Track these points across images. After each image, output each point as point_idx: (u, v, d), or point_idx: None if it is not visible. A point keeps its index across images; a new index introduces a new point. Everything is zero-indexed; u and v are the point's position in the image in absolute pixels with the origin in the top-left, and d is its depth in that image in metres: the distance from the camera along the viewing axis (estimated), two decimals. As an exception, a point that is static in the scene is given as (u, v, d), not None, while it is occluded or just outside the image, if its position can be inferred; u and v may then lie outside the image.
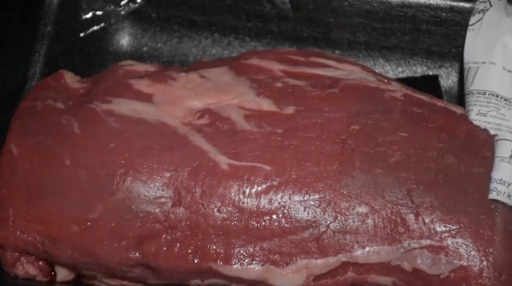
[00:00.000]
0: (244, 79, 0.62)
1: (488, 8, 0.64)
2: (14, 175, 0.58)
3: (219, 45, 0.77)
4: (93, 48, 0.76)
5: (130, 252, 0.56)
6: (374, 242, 0.55)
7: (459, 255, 0.55)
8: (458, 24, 0.73)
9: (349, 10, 0.74)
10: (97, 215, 0.56)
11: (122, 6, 0.77)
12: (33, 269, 0.59)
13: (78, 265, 0.58)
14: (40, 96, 0.63)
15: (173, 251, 0.56)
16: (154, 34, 0.77)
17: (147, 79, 0.62)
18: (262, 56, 0.64)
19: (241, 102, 0.60)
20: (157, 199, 0.56)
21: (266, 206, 0.56)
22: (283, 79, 0.61)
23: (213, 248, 0.56)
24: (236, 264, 0.56)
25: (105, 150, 0.58)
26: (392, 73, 0.75)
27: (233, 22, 0.76)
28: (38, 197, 0.57)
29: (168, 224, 0.56)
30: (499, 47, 0.62)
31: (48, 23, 0.75)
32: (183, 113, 0.60)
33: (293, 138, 0.58)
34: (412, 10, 0.73)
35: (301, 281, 0.55)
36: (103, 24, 0.77)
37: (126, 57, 0.75)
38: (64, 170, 0.58)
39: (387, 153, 0.57)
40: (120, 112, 0.59)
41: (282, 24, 0.76)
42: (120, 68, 0.64)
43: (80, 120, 0.60)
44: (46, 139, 0.59)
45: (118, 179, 0.57)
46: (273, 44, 0.76)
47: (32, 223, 0.57)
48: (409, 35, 0.74)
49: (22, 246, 0.58)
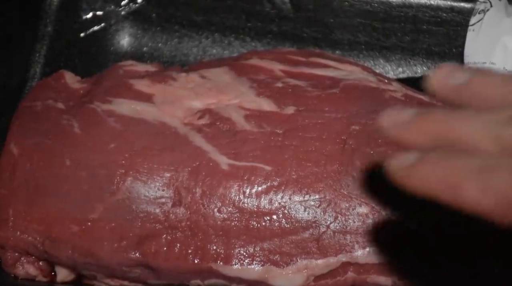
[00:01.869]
0: (245, 79, 0.62)
1: (489, 9, 0.64)
2: (14, 175, 0.58)
3: (219, 45, 0.76)
4: (94, 48, 0.76)
5: (130, 252, 0.56)
6: (374, 242, 0.55)
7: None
8: (459, 25, 0.73)
9: (350, 11, 0.74)
10: (97, 215, 0.56)
11: (122, 6, 0.77)
12: (33, 269, 0.59)
13: (78, 265, 0.58)
14: (40, 96, 0.63)
15: (173, 251, 0.56)
16: (154, 34, 0.77)
17: (148, 80, 0.62)
18: (263, 56, 0.64)
19: (241, 102, 0.60)
20: (157, 199, 0.56)
21: (266, 206, 0.56)
22: (284, 80, 0.61)
23: (213, 248, 0.56)
24: (236, 264, 0.56)
25: (105, 150, 0.58)
26: (392, 73, 0.75)
27: (233, 22, 0.76)
28: (38, 197, 0.57)
29: (168, 224, 0.56)
30: (499, 47, 0.62)
31: (48, 23, 0.75)
32: (183, 114, 0.60)
33: (293, 138, 0.58)
34: (412, 11, 0.73)
35: (301, 281, 0.55)
36: (103, 24, 0.77)
37: (126, 57, 0.75)
38: (64, 170, 0.58)
39: (387, 153, 0.57)
40: (120, 113, 0.59)
41: (283, 24, 0.76)
42: (121, 69, 0.64)
43: (80, 120, 0.60)
44: (46, 140, 0.59)
45: (118, 179, 0.57)
46: (274, 44, 0.76)
47: (32, 223, 0.57)
48: (409, 35, 0.74)
49: (22, 246, 0.58)
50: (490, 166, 0.42)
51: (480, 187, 0.41)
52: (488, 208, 0.41)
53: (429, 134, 0.47)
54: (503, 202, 0.40)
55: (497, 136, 0.43)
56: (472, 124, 0.44)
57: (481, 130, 0.44)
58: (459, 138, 0.45)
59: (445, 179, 0.43)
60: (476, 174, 0.42)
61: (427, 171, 0.44)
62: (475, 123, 0.44)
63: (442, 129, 0.46)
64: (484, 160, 0.42)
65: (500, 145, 0.43)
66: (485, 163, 0.42)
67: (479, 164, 0.42)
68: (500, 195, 0.41)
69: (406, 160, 0.46)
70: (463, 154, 0.44)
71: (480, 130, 0.44)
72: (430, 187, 0.44)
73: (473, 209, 0.41)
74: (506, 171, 0.41)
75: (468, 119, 0.45)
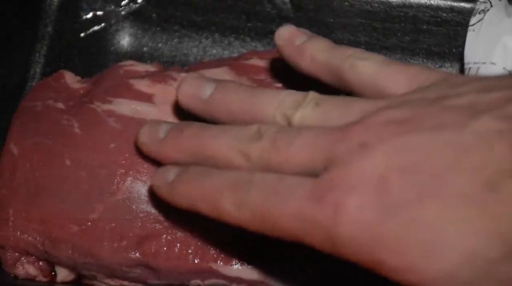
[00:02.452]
0: (245, 79, 0.62)
1: (489, 9, 0.64)
2: (14, 175, 0.58)
3: (219, 46, 0.76)
4: (94, 48, 0.76)
5: (130, 252, 0.56)
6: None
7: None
8: (459, 25, 0.73)
9: (350, 11, 0.74)
10: (98, 215, 0.56)
11: (122, 6, 0.77)
12: (33, 269, 0.59)
13: (78, 265, 0.57)
14: (40, 96, 0.62)
15: (173, 251, 0.56)
16: (154, 34, 0.77)
17: (148, 80, 0.62)
18: (263, 56, 0.64)
19: (241, 102, 0.60)
20: (158, 199, 0.56)
21: (266, 206, 0.56)
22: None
23: (214, 248, 0.56)
24: (236, 264, 0.56)
25: (106, 150, 0.58)
26: (392, 73, 0.75)
27: (233, 22, 0.76)
28: (38, 197, 0.57)
29: (168, 224, 0.56)
30: (499, 47, 0.62)
31: (48, 23, 0.75)
32: (183, 114, 0.60)
33: (294, 138, 0.57)
34: (412, 11, 0.73)
35: (301, 281, 0.55)
36: (103, 24, 0.77)
37: (126, 57, 0.75)
38: (65, 170, 0.58)
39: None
40: (120, 113, 0.59)
41: (283, 24, 0.75)
42: (121, 69, 0.64)
43: (80, 120, 0.59)
44: (46, 140, 0.59)
45: (118, 179, 0.57)
46: (274, 45, 0.75)
47: (32, 223, 0.57)
48: (409, 35, 0.74)
49: (22, 246, 0.57)
50: (242, 181, 0.43)
51: (235, 203, 0.43)
52: (246, 221, 0.42)
53: (185, 151, 0.48)
54: (256, 216, 0.42)
55: (245, 152, 0.44)
56: (223, 141, 0.46)
57: (231, 146, 0.45)
58: (213, 154, 0.46)
59: (204, 194, 0.44)
60: (230, 190, 0.43)
61: (187, 187, 0.46)
62: (225, 140, 0.45)
63: (197, 146, 0.47)
64: (237, 175, 0.44)
65: (249, 160, 0.44)
66: (238, 179, 0.43)
67: (232, 180, 0.43)
68: (253, 210, 0.42)
69: (167, 177, 0.47)
70: (217, 171, 0.45)
71: (230, 146, 0.45)
72: (191, 202, 0.45)
73: (233, 221, 0.43)
74: (255, 187, 0.42)
75: (219, 136, 0.46)
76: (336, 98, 0.46)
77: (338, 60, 0.49)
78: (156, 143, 0.51)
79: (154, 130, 0.51)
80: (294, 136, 0.43)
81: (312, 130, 0.43)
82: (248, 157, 0.44)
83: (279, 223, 0.41)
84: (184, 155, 0.48)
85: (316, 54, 0.50)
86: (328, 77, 0.50)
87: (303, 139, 0.43)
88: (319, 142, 0.42)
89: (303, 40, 0.52)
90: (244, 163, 0.44)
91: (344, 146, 0.41)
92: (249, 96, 0.48)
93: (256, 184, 0.42)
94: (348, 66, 0.48)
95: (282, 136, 0.43)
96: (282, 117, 0.46)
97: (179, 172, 0.47)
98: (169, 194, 0.48)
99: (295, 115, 0.46)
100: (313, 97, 0.46)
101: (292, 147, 0.43)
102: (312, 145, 0.42)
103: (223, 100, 0.49)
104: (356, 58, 0.48)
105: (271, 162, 0.43)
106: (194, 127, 0.48)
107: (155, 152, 0.51)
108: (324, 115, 0.45)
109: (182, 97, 0.51)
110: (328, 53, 0.50)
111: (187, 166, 0.47)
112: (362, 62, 0.48)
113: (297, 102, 0.46)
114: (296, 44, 0.52)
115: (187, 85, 0.51)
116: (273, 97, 0.47)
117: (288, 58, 0.52)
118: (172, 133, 0.50)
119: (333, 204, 0.39)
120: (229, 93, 0.49)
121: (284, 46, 0.52)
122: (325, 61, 0.50)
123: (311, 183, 0.41)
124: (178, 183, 0.47)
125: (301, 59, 0.51)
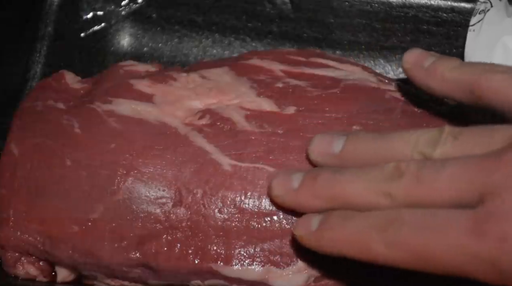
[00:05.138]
0: (245, 79, 0.62)
1: (489, 9, 0.64)
2: (14, 175, 0.58)
3: (219, 46, 0.76)
4: (94, 48, 0.76)
5: (130, 253, 0.56)
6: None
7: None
8: (459, 25, 0.73)
9: (350, 11, 0.74)
10: (98, 215, 0.56)
11: (122, 7, 0.77)
12: (33, 269, 0.59)
13: (79, 265, 0.58)
14: (40, 96, 0.62)
15: (173, 251, 0.56)
16: (154, 34, 0.77)
17: (148, 80, 0.62)
18: (263, 56, 0.64)
19: (242, 102, 0.60)
20: (158, 199, 0.56)
21: (267, 207, 0.56)
22: (284, 80, 0.61)
23: (214, 248, 0.56)
24: (236, 264, 0.56)
25: (106, 150, 0.58)
26: (392, 73, 0.75)
27: (233, 23, 0.76)
28: (38, 197, 0.57)
29: (169, 224, 0.56)
30: (499, 47, 0.62)
31: (48, 23, 0.75)
32: (183, 114, 0.60)
33: (295, 138, 0.58)
34: (412, 11, 0.74)
35: (301, 281, 0.55)
36: (103, 24, 0.77)
37: (126, 57, 0.75)
38: (65, 170, 0.58)
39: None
40: (120, 113, 0.59)
41: (283, 25, 0.76)
42: (121, 69, 0.64)
43: (80, 120, 0.60)
44: (47, 140, 0.59)
45: (118, 179, 0.57)
46: (274, 45, 0.76)
47: (33, 223, 0.57)
48: (409, 35, 0.74)
49: (23, 246, 0.58)
50: (390, 220, 0.42)
51: (386, 242, 0.42)
52: (400, 260, 0.42)
53: (323, 197, 0.48)
54: (411, 253, 0.41)
55: (387, 192, 0.44)
56: (361, 185, 0.45)
57: (371, 188, 0.45)
58: (353, 198, 0.46)
59: (351, 238, 0.44)
60: (378, 231, 0.43)
61: (332, 233, 0.45)
62: (363, 183, 0.45)
63: (334, 192, 0.47)
64: (383, 215, 0.43)
65: (392, 199, 0.44)
66: (385, 219, 0.43)
67: (379, 220, 0.43)
68: (407, 248, 0.41)
69: (310, 225, 0.47)
70: (360, 213, 0.44)
71: (370, 188, 0.45)
72: (340, 247, 0.45)
73: (386, 262, 0.43)
74: (405, 225, 0.42)
75: (355, 180, 0.46)
76: (474, 128, 0.45)
77: (471, 75, 0.47)
78: (292, 193, 0.51)
79: (286, 181, 0.51)
80: (438, 170, 0.42)
81: (458, 162, 0.42)
82: (391, 196, 0.43)
83: (438, 259, 0.40)
84: (321, 202, 0.48)
85: (446, 72, 0.49)
86: (462, 95, 0.48)
87: (450, 172, 0.42)
88: (468, 173, 0.41)
89: (431, 61, 0.51)
90: (387, 202, 0.44)
91: (500, 175, 0.39)
92: (381, 143, 0.47)
93: (406, 221, 0.41)
94: (483, 80, 0.46)
95: (426, 172, 0.43)
96: (420, 157, 0.45)
97: (321, 219, 0.47)
98: (316, 243, 0.47)
99: (434, 153, 0.44)
100: (450, 131, 0.45)
101: (439, 181, 0.42)
102: (461, 177, 0.41)
103: (355, 152, 0.49)
104: (491, 72, 0.46)
105: (417, 199, 0.42)
106: (328, 173, 0.48)
107: (290, 202, 0.51)
108: (465, 148, 0.43)
109: (314, 156, 0.51)
110: (459, 70, 0.48)
111: (329, 213, 0.46)
112: (497, 76, 0.46)
113: (433, 139, 0.45)
114: (424, 65, 0.51)
115: (317, 143, 0.51)
116: (407, 139, 0.46)
117: (417, 81, 0.52)
118: (306, 182, 0.49)
119: (497, 236, 0.38)
120: (360, 144, 0.49)
121: (411, 70, 0.52)
122: (457, 78, 0.48)
123: (468, 215, 0.40)
124: (323, 230, 0.46)
125: (431, 80, 0.50)
